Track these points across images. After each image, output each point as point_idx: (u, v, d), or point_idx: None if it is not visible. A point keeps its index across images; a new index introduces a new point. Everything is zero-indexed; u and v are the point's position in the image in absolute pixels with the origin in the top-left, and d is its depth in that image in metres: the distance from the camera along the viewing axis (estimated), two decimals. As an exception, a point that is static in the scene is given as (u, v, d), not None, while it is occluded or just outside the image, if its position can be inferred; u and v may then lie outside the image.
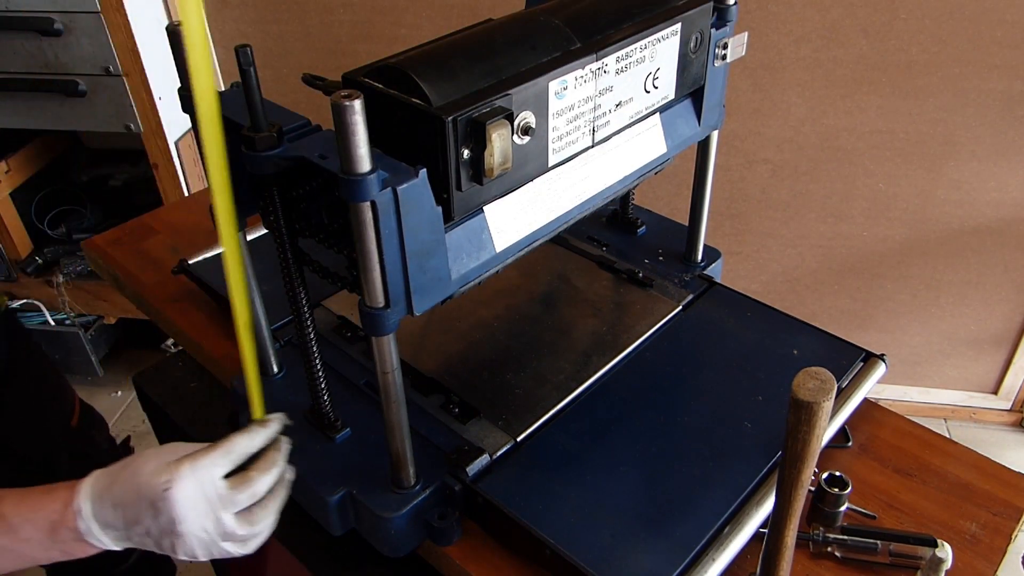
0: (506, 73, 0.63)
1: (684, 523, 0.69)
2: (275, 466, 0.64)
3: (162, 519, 0.60)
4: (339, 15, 1.82)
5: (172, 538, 0.60)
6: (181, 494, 0.59)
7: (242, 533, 0.62)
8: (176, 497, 0.59)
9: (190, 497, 0.59)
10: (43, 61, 1.66)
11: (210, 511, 0.60)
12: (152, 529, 0.60)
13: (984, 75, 1.64)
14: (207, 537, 0.61)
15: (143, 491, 0.60)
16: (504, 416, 0.79)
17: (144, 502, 0.60)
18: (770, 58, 1.70)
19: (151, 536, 0.61)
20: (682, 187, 1.86)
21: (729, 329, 0.91)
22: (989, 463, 0.81)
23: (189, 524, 0.60)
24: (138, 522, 0.60)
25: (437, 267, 0.63)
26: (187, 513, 0.59)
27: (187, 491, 0.59)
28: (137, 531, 0.61)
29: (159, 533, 0.60)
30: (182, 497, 0.59)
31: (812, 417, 0.49)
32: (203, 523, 0.60)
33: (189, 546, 0.61)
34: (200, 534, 0.60)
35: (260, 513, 0.63)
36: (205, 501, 0.60)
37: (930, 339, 2.03)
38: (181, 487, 0.59)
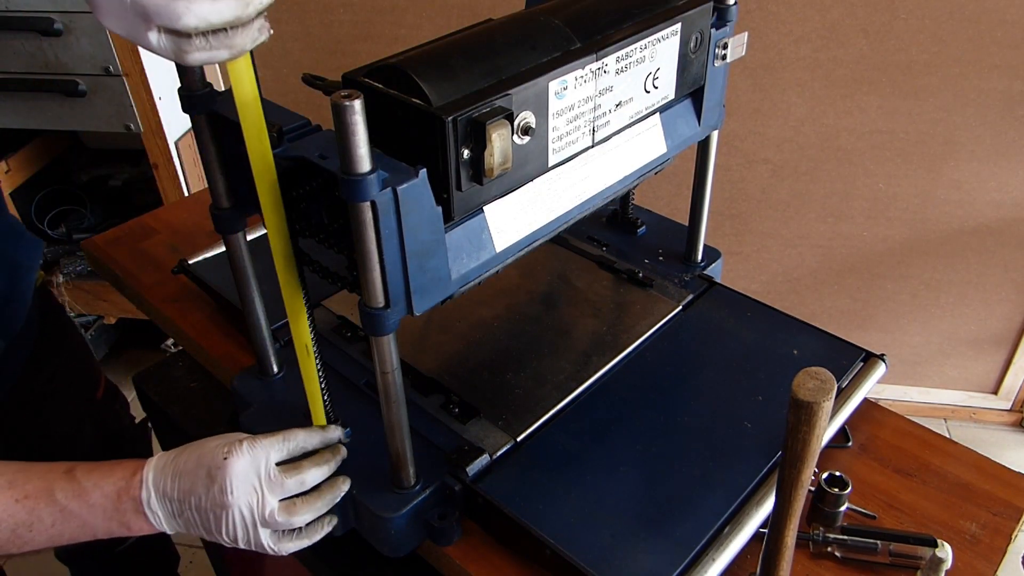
0: (506, 73, 0.63)
1: (684, 523, 0.69)
2: (327, 464, 0.68)
3: (214, 488, 0.64)
4: (339, 15, 1.82)
5: (218, 510, 0.64)
6: (236, 465, 0.64)
7: (280, 520, 0.65)
8: (231, 466, 0.64)
9: (243, 470, 0.64)
10: (43, 61, 1.66)
11: (258, 488, 0.64)
12: (203, 500, 0.64)
13: (984, 75, 1.64)
14: (249, 516, 0.65)
15: (204, 459, 0.65)
16: (504, 416, 0.79)
17: (203, 470, 0.64)
18: (770, 58, 1.70)
19: (200, 511, 0.65)
20: (682, 187, 1.86)
21: (729, 329, 0.91)
22: (989, 463, 0.81)
23: (236, 496, 0.64)
24: (193, 492, 0.64)
25: (437, 267, 0.63)
26: (238, 484, 0.64)
27: (242, 463, 0.64)
28: (191, 503, 0.65)
29: (209, 504, 0.64)
30: (237, 467, 0.64)
31: (812, 417, 0.49)
32: (249, 499, 0.64)
33: (231, 524, 0.65)
34: (244, 510, 0.64)
35: (302, 507, 0.66)
36: (256, 477, 0.64)
37: (930, 339, 2.03)
38: (237, 458, 0.64)
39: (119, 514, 0.66)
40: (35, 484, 0.66)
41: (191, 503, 0.65)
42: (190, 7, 0.50)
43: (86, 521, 0.66)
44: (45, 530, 0.66)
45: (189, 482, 0.65)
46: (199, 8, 0.50)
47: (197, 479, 0.64)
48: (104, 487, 0.66)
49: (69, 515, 0.66)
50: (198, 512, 0.65)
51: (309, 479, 0.67)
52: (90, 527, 0.67)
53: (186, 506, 0.65)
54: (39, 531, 0.66)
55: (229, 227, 0.72)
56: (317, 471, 0.67)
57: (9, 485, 0.66)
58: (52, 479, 0.67)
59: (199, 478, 0.64)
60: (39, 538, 0.67)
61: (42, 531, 0.66)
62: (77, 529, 0.67)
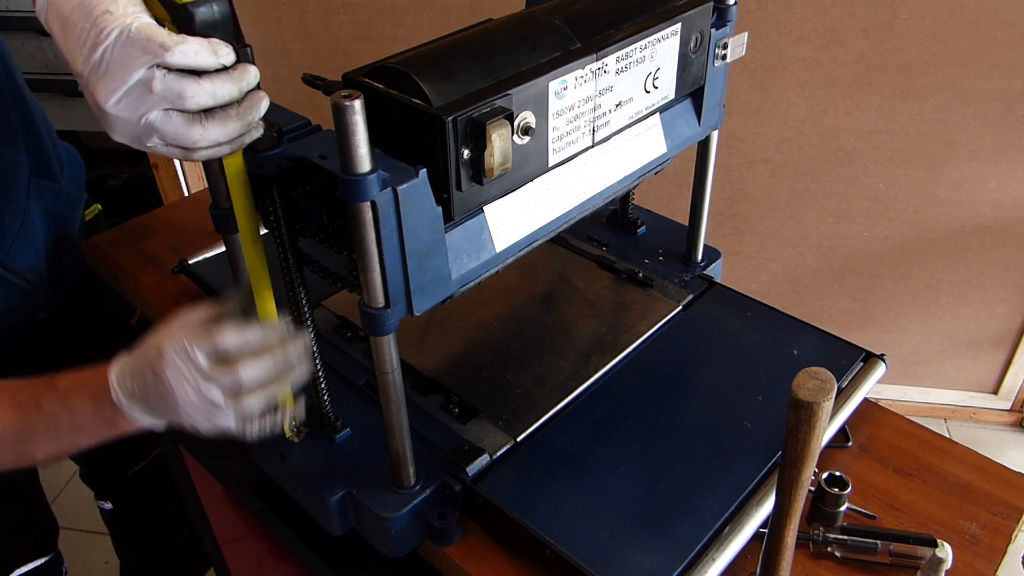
0: (506, 73, 0.63)
1: (684, 523, 0.69)
2: (263, 362, 0.64)
3: (160, 388, 0.63)
4: (339, 15, 1.82)
5: (173, 406, 0.63)
6: (168, 368, 0.62)
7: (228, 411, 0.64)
8: (163, 369, 0.62)
9: (175, 372, 0.62)
10: (43, 61, 1.67)
11: (195, 390, 0.62)
12: (158, 397, 0.63)
13: (984, 75, 1.64)
14: (200, 409, 0.63)
15: (147, 358, 0.64)
16: (504, 416, 0.79)
17: (148, 368, 0.63)
18: (770, 58, 1.70)
19: (163, 406, 0.64)
20: (682, 187, 1.86)
21: (729, 329, 0.91)
22: (989, 463, 0.81)
23: (179, 397, 0.62)
24: (148, 390, 0.64)
25: (437, 267, 0.63)
26: (175, 387, 0.62)
27: (171, 365, 0.62)
28: (150, 400, 0.64)
29: (163, 400, 0.63)
30: (169, 371, 0.62)
31: (812, 417, 0.49)
32: (190, 398, 0.62)
33: (188, 418, 0.64)
34: (191, 407, 0.63)
35: (248, 398, 0.64)
36: (188, 381, 0.62)
37: (930, 339, 2.03)
38: (167, 362, 0.62)
39: (103, 417, 0.67)
40: (26, 394, 0.69)
41: (151, 401, 0.64)
42: (204, 134, 0.55)
43: (75, 427, 0.68)
44: (43, 439, 0.68)
45: (143, 382, 0.64)
46: (212, 134, 0.55)
47: (147, 377, 0.64)
48: (80, 394, 0.67)
49: (58, 422, 0.68)
50: (163, 407, 0.64)
51: (245, 379, 0.63)
52: (82, 432, 0.68)
53: (151, 403, 0.65)
54: (39, 440, 0.68)
55: (229, 227, 0.72)
56: (251, 371, 0.63)
57: (9, 397, 0.69)
58: (39, 391, 0.69)
59: (148, 376, 0.64)
60: (42, 446, 0.69)
61: (40, 440, 0.68)
62: (71, 434, 0.68)
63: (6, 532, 1.14)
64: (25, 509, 1.17)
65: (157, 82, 0.52)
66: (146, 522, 1.46)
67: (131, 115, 0.54)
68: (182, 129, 0.55)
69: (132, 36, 0.52)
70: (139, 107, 0.53)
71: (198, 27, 0.53)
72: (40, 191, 1.02)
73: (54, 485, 1.99)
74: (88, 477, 1.40)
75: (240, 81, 0.56)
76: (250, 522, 1.01)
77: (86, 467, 1.39)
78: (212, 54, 0.54)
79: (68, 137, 2.24)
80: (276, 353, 0.65)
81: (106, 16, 0.52)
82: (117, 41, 0.52)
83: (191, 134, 0.55)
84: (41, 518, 1.20)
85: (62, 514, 1.30)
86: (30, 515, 1.18)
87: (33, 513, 1.19)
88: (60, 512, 1.28)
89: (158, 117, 0.54)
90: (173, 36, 0.52)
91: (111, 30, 0.52)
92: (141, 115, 0.54)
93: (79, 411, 0.67)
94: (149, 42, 0.52)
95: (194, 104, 0.54)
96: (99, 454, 1.23)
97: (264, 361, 0.64)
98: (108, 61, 0.52)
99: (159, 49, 0.52)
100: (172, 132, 0.54)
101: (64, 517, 1.32)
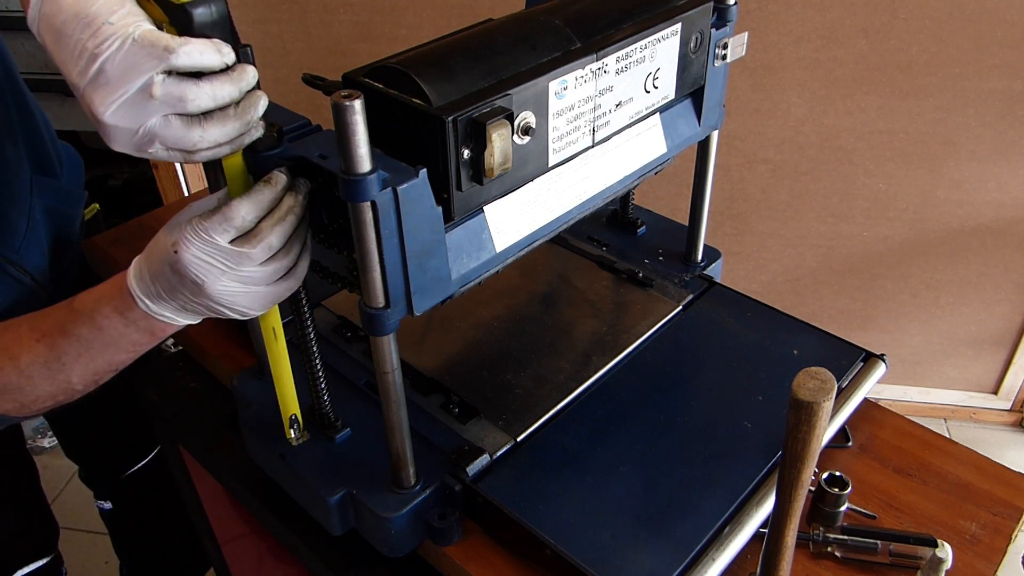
0: (506, 73, 0.63)
1: (684, 523, 0.69)
2: (291, 214, 0.61)
3: (188, 283, 0.60)
4: (339, 15, 1.82)
5: (208, 300, 0.60)
6: (188, 256, 0.58)
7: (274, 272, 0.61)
8: (186, 260, 0.58)
9: (200, 259, 0.59)
10: (43, 61, 1.66)
11: (226, 271, 0.59)
12: (188, 294, 0.61)
13: (984, 75, 1.64)
14: (241, 289, 0.60)
15: (164, 257, 0.60)
16: (504, 416, 0.79)
17: (167, 268, 0.60)
18: (770, 58, 1.70)
19: (195, 301, 0.61)
20: (682, 187, 1.86)
21: (729, 329, 0.91)
22: (989, 463, 0.81)
23: (212, 283, 0.59)
24: (174, 289, 0.61)
25: (437, 267, 0.63)
26: (204, 275, 0.59)
27: (192, 253, 0.58)
28: (180, 299, 0.62)
29: (194, 295, 0.61)
30: (192, 259, 0.58)
31: (812, 417, 0.49)
32: (225, 282, 0.59)
33: (230, 305, 0.61)
34: (230, 291, 0.60)
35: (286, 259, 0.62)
36: (216, 264, 0.59)
37: (930, 339, 2.03)
38: (186, 250, 0.58)
39: (133, 323, 0.65)
40: (48, 323, 0.68)
41: (181, 299, 0.62)
42: (204, 136, 0.55)
43: (109, 344, 0.66)
44: (75, 360, 0.67)
45: (166, 282, 0.61)
46: (211, 135, 0.55)
47: (169, 278, 0.61)
48: (104, 311, 0.65)
49: (87, 342, 0.66)
50: (196, 302, 0.61)
51: (275, 240, 0.60)
52: (117, 347, 0.67)
53: (180, 300, 0.62)
54: (70, 362, 0.67)
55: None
56: (280, 228, 0.60)
57: (29, 329, 0.68)
58: (59, 317, 0.68)
59: (169, 276, 0.60)
60: (76, 371, 0.68)
61: (72, 361, 0.67)
62: (105, 353, 0.67)
63: (6, 534, 1.14)
64: (25, 511, 1.17)
65: (157, 87, 0.52)
66: (146, 522, 1.46)
67: (130, 124, 0.53)
68: (181, 132, 0.54)
69: (136, 43, 0.52)
70: (138, 115, 0.53)
71: (196, 28, 0.53)
72: (42, 189, 1.02)
73: (54, 485, 1.99)
74: (87, 477, 1.40)
75: (239, 81, 0.55)
76: (250, 522, 1.01)
77: (85, 467, 1.39)
78: (216, 53, 0.54)
79: (68, 137, 2.23)
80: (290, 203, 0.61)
81: (106, 27, 0.52)
82: (119, 51, 0.52)
83: (191, 136, 0.55)
84: (41, 520, 1.20)
85: (62, 514, 1.30)
86: (30, 517, 1.18)
87: (33, 515, 1.19)
88: (60, 512, 1.28)
89: (157, 123, 0.53)
90: (176, 39, 0.52)
91: (112, 40, 0.52)
92: (140, 123, 0.53)
93: (109, 328, 0.65)
94: (154, 47, 0.51)
95: (195, 107, 0.54)
96: (99, 454, 1.25)
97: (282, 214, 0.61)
98: (109, 71, 0.52)
99: (164, 53, 0.51)
100: (172, 136, 0.54)
101: (64, 517, 1.32)
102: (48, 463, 2.01)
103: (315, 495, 0.73)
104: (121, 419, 1.31)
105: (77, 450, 1.36)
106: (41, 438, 2.11)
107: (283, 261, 0.61)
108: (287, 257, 0.62)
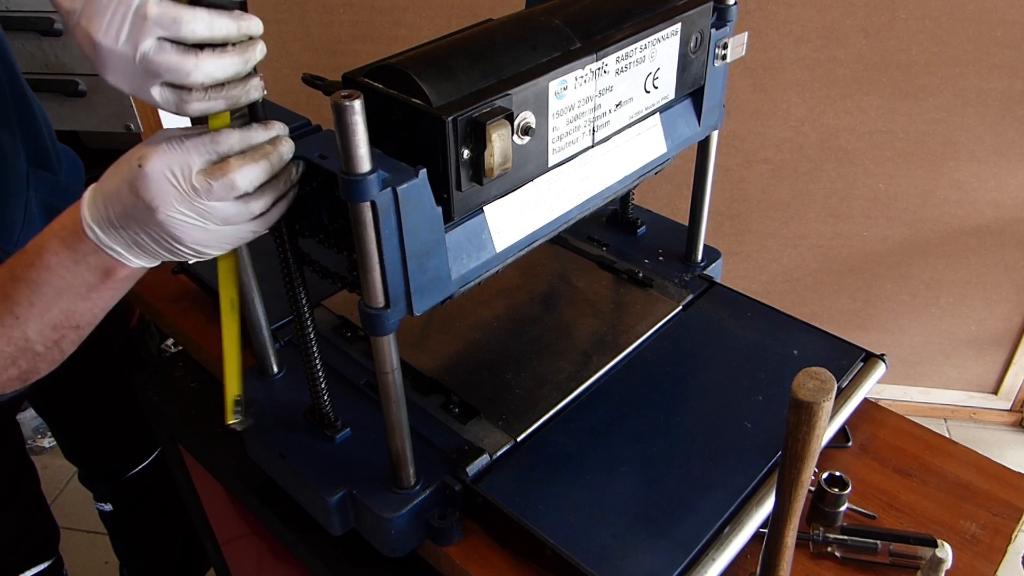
0: (506, 73, 0.63)
1: (684, 523, 0.69)
2: (264, 158, 0.58)
3: (140, 204, 0.56)
4: (339, 15, 1.82)
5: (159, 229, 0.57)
6: (150, 170, 0.55)
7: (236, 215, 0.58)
8: (146, 173, 0.55)
9: (160, 176, 0.55)
10: (43, 61, 1.66)
11: (184, 197, 0.56)
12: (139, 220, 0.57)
13: (984, 75, 1.64)
14: (198, 224, 0.57)
15: (123, 173, 0.57)
16: (504, 416, 0.79)
17: (125, 186, 0.56)
18: (770, 58, 1.70)
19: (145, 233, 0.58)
20: (682, 187, 1.86)
21: (729, 329, 0.91)
22: (989, 463, 0.81)
23: (166, 208, 0.56)
24: (127, 214, 0.57)
25: (437, 267, 0.63)
26: (160, 194, 0.55)
27: (156, 167, 0.55)
28: (133, 227, 0.58)
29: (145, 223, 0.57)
30: (152, 173, 0.55)
31: (812, 417, 0.49)
32: (182, 207, 0.56)
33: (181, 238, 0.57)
34: (186, 220, 0.56)
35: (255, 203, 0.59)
36: (176, 186, 0.56)
37: (930, 339, 2.03)
38: (151, 163, 0.55)
39: (82, 262, 0.60)
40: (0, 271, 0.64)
41: (135, 228, 0.58)
42: (199, 65, 0.53)
43: (57, 284, 0.61)
44: (27, 310, 0.62)
45: (119, 204, 0.57)
46: (206, 66, 0.54)
47: (124, 198, 0.57)
48: (50, 245, 0.61)
49: (37, 285, 0.62)
50: (146, 236, 0.58)
51: (240, 181, 0.56)
52: (68, 288, 0.62)
53: (133, 232, 0.58)
54: (22, 313, 0.63)
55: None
56: (249, 169, 0.57)
57: None
58: (10, 263, 0.63)
59: (124, 195, 0.56)
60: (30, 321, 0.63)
61: (24, 312, 0.62)
62: (57, 296, 0.62)
63: (7, 539, 1.13)
64: (26, 515, 1.17)
65: (152, 5, 0.51)
66: (146, 524, 1.46)
67: (125, 47, 0.52)
68: (176, 58, 0.52)
69: None
70: (132, 36, 0.51)
71: None
72: (39, 183, 1.01)
73: (54, 486, 1.99)
74: (87, 479, 1.40)
75: (239, 20, 0.54)
76: (250, 522, 1.01)
77: (85, 469, 1.39)
78: None
79: (68, 137, 2.23)
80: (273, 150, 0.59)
81: None
82: None
83: (185, 64, 0.52)
84: (42, 524, 1.20)
85: (61, 514, 1.30)
86: (31, 521, 1.18)
87: (34, 519, 1.18)
88: (59, 512, 1.28)
89: (151, 46, 0.52)
90: None
91: None
92: (133, 45, 0.51)
93: (57, 266, 0.60)
94: None
95: (189, 31, 0.52)
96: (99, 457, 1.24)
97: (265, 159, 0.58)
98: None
99: None
100: (165, 61, 0.52)
101: (64, 517, 1.32)
102: (48, 463, 2.01)
103: (315, 495, 0.73)
104: (121, 421, 1.31)
105: (77, 452, 1.36)
106: (41, 438, 2.11)
107: (251, 205, 0.59)
108: (257, 202, 0.59)
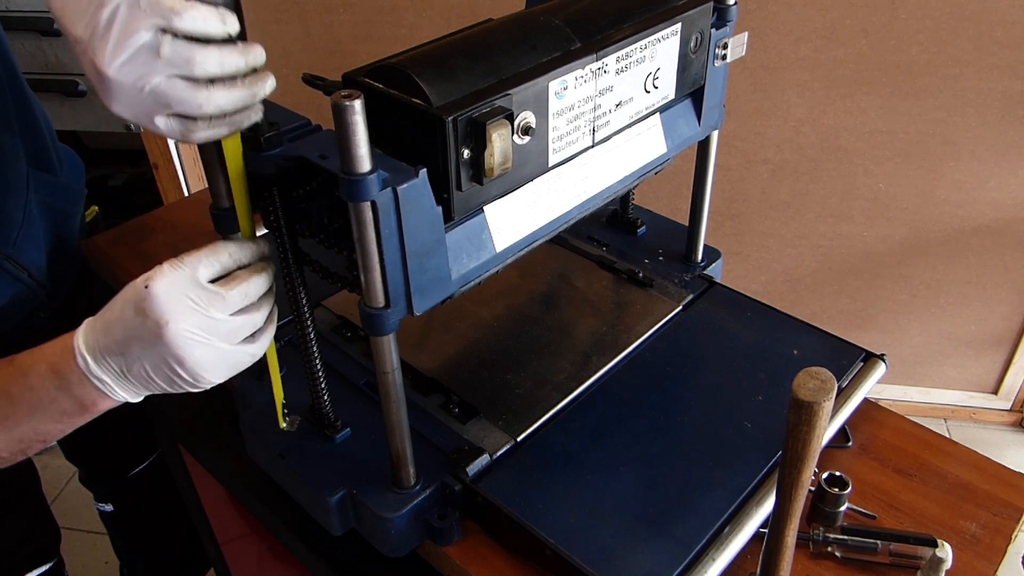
0: (506, 73, 0.63)
1: (684, 523, 0.69)
2: (266, 272, 0.62)
3: (149, 324, 0.56)
4: (339, 15, 1.82)
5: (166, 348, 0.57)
6: (160, 288, 0.56)
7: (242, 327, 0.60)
8: (156, 292, 0.56)
9: (171, 293, 0.56)
10: (43, 61, 1.67)
11: (197, 309, 0.57)
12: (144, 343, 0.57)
13: (984, 75, 1.64)
14: (205, 340, 0.57)
15: (128, 298, 0.58)
16: (504, 416, 0.79)
17: (130, 308, 0.57)
18: (770, 58, 1.70)
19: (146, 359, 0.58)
20: (682, 187, 1.85)
21: (729, 329, 0.91)
22: (989, 463, 0.81)
23: (176, 323, 0.56)
24: (129, 338, 0.58)
25: (437, 267, 0.63)
26: (171, 309, 0.56)
27: (165, 286, 0.56)
28: (133, 353, 0.58)
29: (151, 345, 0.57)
30: (162, 292, 0.56)
31: (812, 417, 0.49)
32: (192, 321, 0.57)
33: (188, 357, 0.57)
34: (194, 337, 0.57)
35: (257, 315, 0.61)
36: (188, 299, 0.57)
37: (930, 339, 2.03)
38: (159, 282, 0.57)
39: (66, 391, 0.61)
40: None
41: (134, 353, 0.58)
42: (210, 98, 0.54)
43: (34, 405, 0.62)
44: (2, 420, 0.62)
45: (122, 329, 0.57)
46: (218, 98, 0.54)
47: (128, 321, 0.57)
48: (38, 367, 0.61)
49: (15, 401, 0.62)
50: (145, 361, 0.58)
51: (252, 289, 0.60)
52: (43, 410, 0.62)
53: (130, 359, 0.58)
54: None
55: (229, 227, 0.72)
56: (258, 279, 0.60)
57: None
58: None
59: (129, 319, 0.57)
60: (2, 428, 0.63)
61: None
62: (30, 414, 0.62)
63: (8, 541, 1.13)
64: (27, 517, 1.17)
65: (166, 46, 0.51)
66: (146, 524, 1.46)
67: (135, 80, 0.52)
68: (187, 93, 0.53)
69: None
70: (143, 72, 0.52)
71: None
72: (39, 184, 1.02)
73: (54, 486, 1.99)
74: (88, 480, 1.40)
75: (247, 54, 0.55)
76: (250, 522, 1.01)
77: (86, 470, 1.39)
78: (220, 22, 0.53)
79: (68, 137, 2.24)
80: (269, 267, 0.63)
81: None
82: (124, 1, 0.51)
83: (196, 97, 0.53)
84: (43, 526, 1.20)
85: (61, 514, 1.30)
86: (32, 523, 1.17)
87: (35, 522, 1.18)
88: (60, 512, 1.28)
89: (162, 82, 0.52)
90: (182, 2, 0.52)
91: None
92: (145, 80, 0.52)
93: (39, 388, 0.61)
94: (159, 5, 0.51)
95: (202, 71, 0.53)
96: (99, 458, 1.24)
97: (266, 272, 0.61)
98: (114, 23, 0.51)
99: (168, 12, 0.51)
100: (176, 96, 0.53)
101: (64, 517, 1.32)
102: (48, 463, 2.01)
103: (315, 495, 0.73)
104: (121, 422, 1.31)
105: (77, 453, 1.36)
106: (41, 438, 2.11)
107: (253, 316, 0.61)
108: (257, 313, 0.62)
